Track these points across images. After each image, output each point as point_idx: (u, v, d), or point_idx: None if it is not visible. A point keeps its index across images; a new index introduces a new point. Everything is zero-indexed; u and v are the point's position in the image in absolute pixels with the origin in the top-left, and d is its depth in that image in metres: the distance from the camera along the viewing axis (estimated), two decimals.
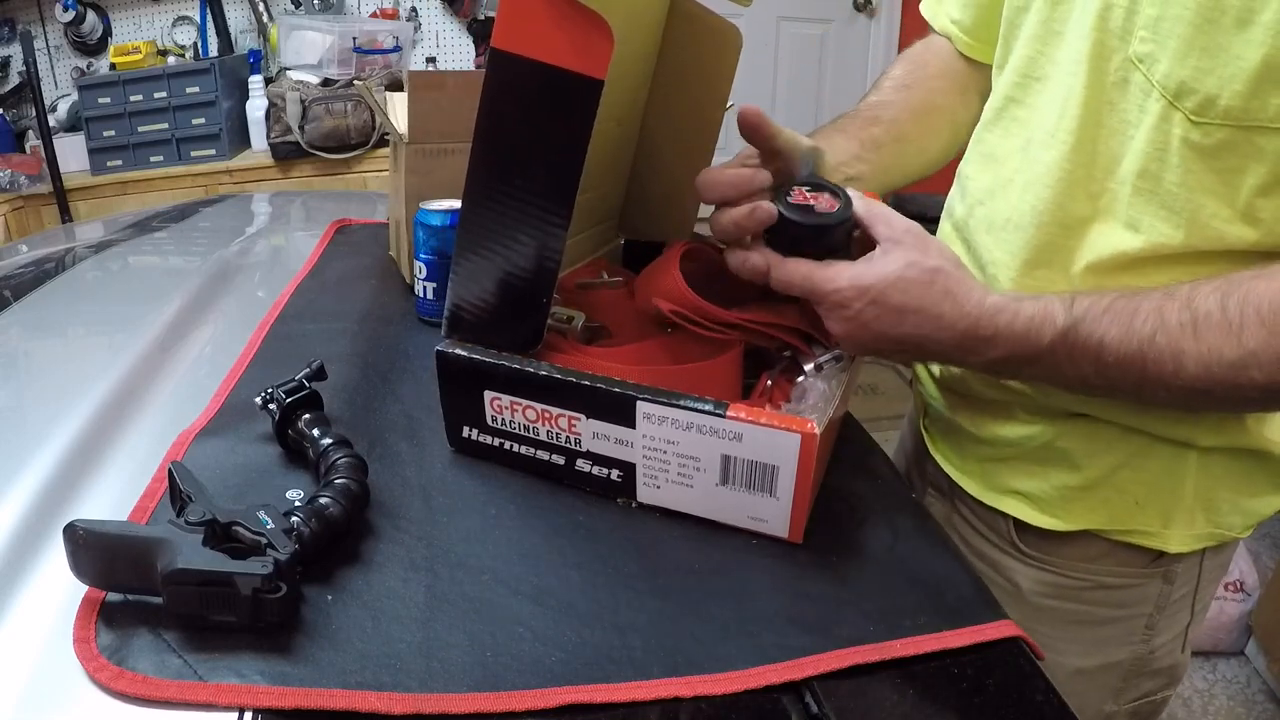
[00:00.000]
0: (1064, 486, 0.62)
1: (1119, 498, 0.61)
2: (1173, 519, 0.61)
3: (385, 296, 0.90)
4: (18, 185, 2.22)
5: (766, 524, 0.53)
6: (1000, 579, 0.68)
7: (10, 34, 2.42)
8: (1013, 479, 0.65)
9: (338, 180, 2.37)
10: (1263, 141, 0.48)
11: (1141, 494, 0.61)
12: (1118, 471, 0.61)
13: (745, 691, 0.42)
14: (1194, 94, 0.48)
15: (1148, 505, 0.61)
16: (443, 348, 0.58)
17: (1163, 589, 0.64)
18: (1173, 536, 0.61)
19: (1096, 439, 0.60)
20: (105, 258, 1.08)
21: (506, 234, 0.55)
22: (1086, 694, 0.68)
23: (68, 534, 0.43)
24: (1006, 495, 0.66)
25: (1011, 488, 0.66)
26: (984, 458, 0.68)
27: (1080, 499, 0.62)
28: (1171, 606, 0.65)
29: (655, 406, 0.52)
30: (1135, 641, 0.66)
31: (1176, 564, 0.63)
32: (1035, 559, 0.66)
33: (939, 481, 0.74)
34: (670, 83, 0.79)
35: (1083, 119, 0.55)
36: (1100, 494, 0.62)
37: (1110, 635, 0.66)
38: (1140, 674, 0.67)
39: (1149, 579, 0.64)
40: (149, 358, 0.73)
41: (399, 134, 0.86)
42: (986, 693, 0.45)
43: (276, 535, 0.45)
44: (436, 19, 2.68)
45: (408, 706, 0.40)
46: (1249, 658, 1.73)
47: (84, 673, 0.40)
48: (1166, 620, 0.66)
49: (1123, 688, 0.68)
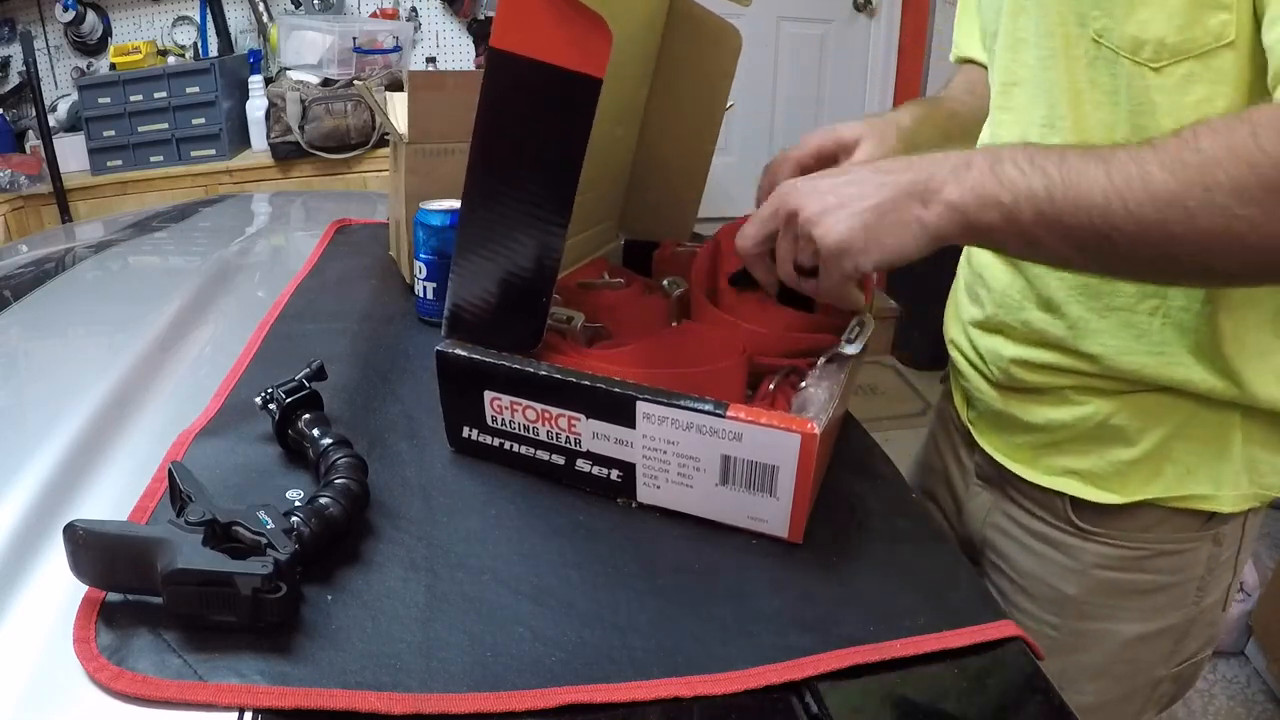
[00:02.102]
0: (1119, 461, 0.65)
1: (1172, 467, 0.64)
2: (1222, 482, 0.64)
3: (385, 296, 0.90)
4: (18, 185, 2.22)
5: (766, 524, 0.53)
6: (1060, 556, 0.70)
7: (10, 34, 2.42)
8: (1067, 459, 0.68)
9: (338, 180, 2.37)
10: (1218, 62, 0.52)
11: (1193, 461, 0.63)
12: (1170, 442, 0.63)
13: (745, 691, 0.42)
14: (1147, 44, 0.53)
15: (1198, 471, 0.63)
16: (443, 348, 0.58)
17: (1212, 550, 0.67)
18: (1224, 498, 0.64)
19: (1148, 413, 0.63)
20: (105, 258, 1.08)
21: (506, 234, 0.55)
22: (1141, 660, 0.71)
23: (68, 534, 0.43)
24: (1062, 475, 0.68)
25: (1066, 468, 0.68)
26: (1037, 444, 0.70)
27: (1135, 472, 0.65)
28: (1220, 567, 0.68)
29: (655, 406, 0.52)
30: (1188, 604, 0.69)
31: (1224, 525, 0.66)
32: (1094, 534, 0.68)
33: (986, 471, 0.76)
34: (670, 83, 0.79)
35: (1072, 102, 0.59)
36: (1154, 465, 0.64)
37: (1166, 601, 0.68)
38: (1188, 636, 0.70)
39: (1201, 542, 0.66)
40: (149, 358, 0.73)
41: (399, 134, 0.86)
42: (986, 693, 0.45)
43: (276, 535, 0.45)
44: (436, 19, 2.68)
45: (408, 706, 0.40)
46: (1249, 658, 1.73)
47: (84, 673, 0.40)
48: (1215, 581, 0.69)
49: (1174, 650, 0.71)
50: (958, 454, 0.81)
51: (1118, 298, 0.60)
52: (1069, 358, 0.64)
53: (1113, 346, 0.61)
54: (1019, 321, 0.66)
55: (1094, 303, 0.61)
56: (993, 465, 0.74)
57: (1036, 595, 0.73)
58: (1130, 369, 0.61)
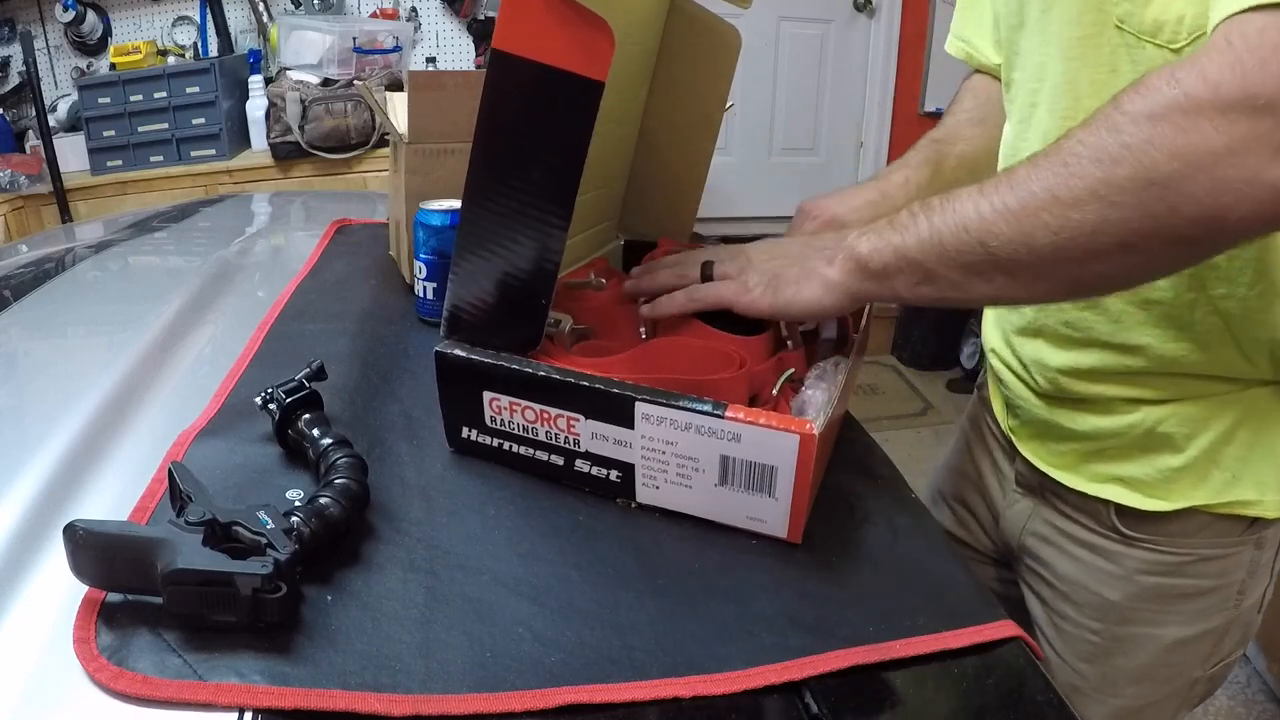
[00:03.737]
0: (1167, 469, 0.65)
1: (1219, 473, 0.64)
2: (1267, 487, 0.64)
3: (385, 296, 0.90)
4: (18, 185, 2.22)
5: (765, 524, 0.53)
6: (1104, 562, 0.70)
7: (10, 34, 2.42)
8: (1113, 466, 0.68)
9: (338, 180, 2.37)
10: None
11: (1239, 468, 0.64)
12: (1218, 448, 0.63)
13: (744, 692, 0.42)
14: (1166, 24, 0.54)
15: (1244, 477, 0.64)
16: (441, 348, 0.58)
17: (1254, 555, 0.67)
18: (1269, 504, 0.64)
19: (1196, 419, 0.63)
20: (105, 258, 1.08)
21: (506, 235, 0.55)
22: (1182, 663, 0.71)
23: (68, 534, 0.43)
24: (1108, 483, 0.68)
25: (1113, 475, 0.68)
26: (1084, 452, 0.69)
27: (1182, 478, 0.65)
28: (1260, 571, 0.69)
29: (653, 407, 0.52)
30: (1229, 607, 0.69)
31: (1266, 530, 0.67)
32: (1139, 540, 0.68)
33: (1027, 479, 0.75)
34: (671, 83, 0.79)
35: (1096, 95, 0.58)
36: (1201, 471, 0.64)
37: (1209, 605, 0.69)
38: (1226, 636, 0.71)
39: (1243, 546, 0.67)
40: (149, 358, 0.73)
41: (399, 134, 0.86)
42: (986, 693, 0.45)
43: (276, 535, 0.45)
44: (436, 19, 2.68)
45: (407, 708, 0.40)
46: (1249, 658, 1.73)
47: (84, 673, 0.40)
48: (1254, 584, 0.69)
49: (1212, 652, 0.71)
50: (995, 461, 0.80)
51: (1155, 290, 0.60)
52: (1115, 355, 0.63)
53: (1156, 335, 0.61)
54: (1060, 323, 0.66)
55: (1133, 296, 0.61)
56: (1034, 473, 0.73)
57: (1079, 601, 0.72)
58: (1175, 356, 0.61)
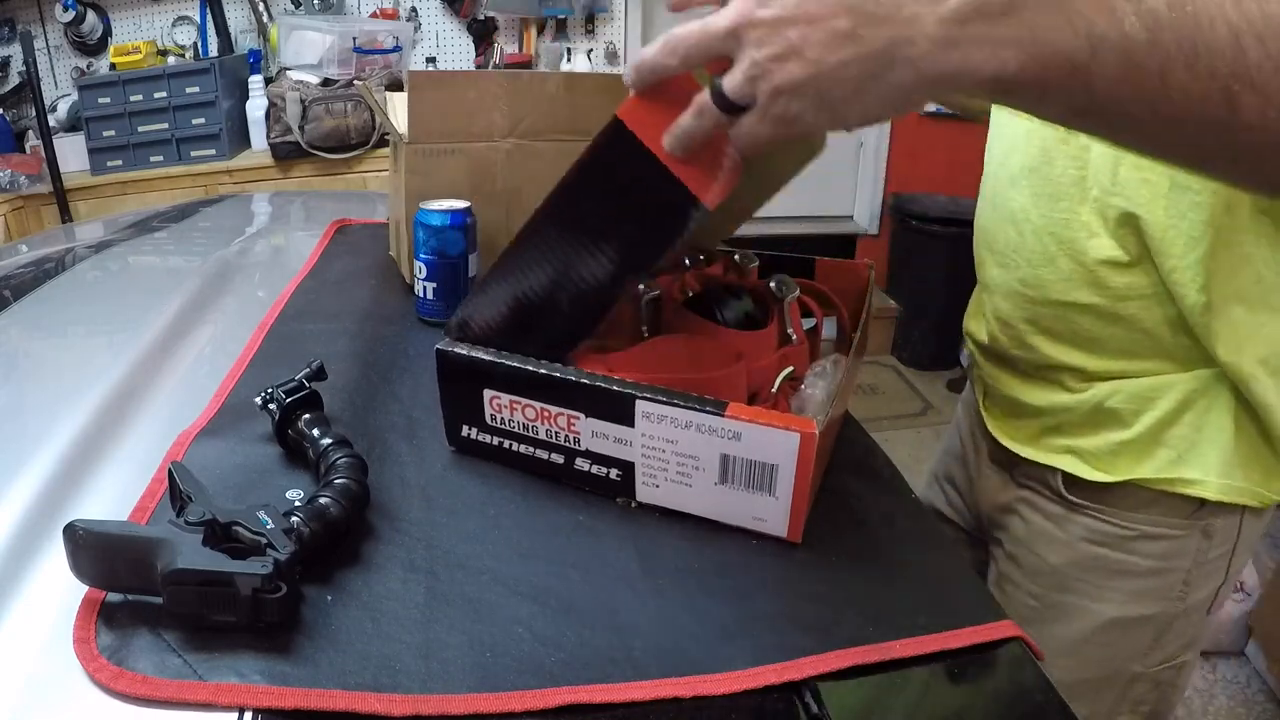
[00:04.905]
0: (1114, 442, 0.67)
1: (1164, 451, 0.66)
2: (1210, 468, 0.65)
3: (385, 296, 0.90)
4: (18, 185, 2.22)
5: (765, 523, 0.53)
6: (1049, 526, 0.73)
7: (10, 34, 2.42)
8: (1066, 439, 0.70)
9: (338, 180, 2.37)
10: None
11: (1184, 448, 0.65)
12: (1163, 427, 0.65)
13: (744, 692, 0.42)
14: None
15: (1189, 457, 0.65)
16: (442, 346, 0.58)
17: (1201, 544, 0.68)
18: (1210, 485, 0.65)
19: (1143, 397, 0.65)
20: (105, 258, 1.08)
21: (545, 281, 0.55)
22: (1117, 646, 0.72)
23: (68, 534, 0.43)
24: (1060, 453, 0.71)
25: (1065, 446, 0.71)
26: (1042, 427, 0.72)
27: (1127, 452, 0.67)
28: (1208, 564, 0.69)
29: (654, 405, 0.52)
30: (1172, 597, 0.70)
31: (1215, 519, 0.67)
32: (1083, 507, 0.70)
33: (998, 456, 0.79)
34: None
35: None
36: (1145, 447, 0.66)
37: (1150, 587, 0.70)
38: (1169, 632, 0.71)
39: (1189, 532, 0.68)
40: (149, 358, 0.73)
41: (399, 134, 0.86)
42: (986, 693, 0.45)
43: (276, 535, 0.44)
44: (436, 19, 2.68)
45: (407, 708, 0.40)
46: (1249, 658, 1.73)
47: (84, 673, 0.40)
48: (1202, 578, 0.70)
49: (1153, 646, 0.72)
50: (976, 439, 0.84)
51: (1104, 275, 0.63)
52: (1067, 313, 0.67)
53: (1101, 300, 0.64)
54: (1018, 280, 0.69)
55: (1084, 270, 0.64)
56: (1000, 449, 0.77)
57: (1023, 564, 0.75)
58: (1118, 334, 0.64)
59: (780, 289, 0.65)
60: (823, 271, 0.76)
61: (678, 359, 0.60)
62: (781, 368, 0.61)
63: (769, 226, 3.11)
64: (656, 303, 0.67)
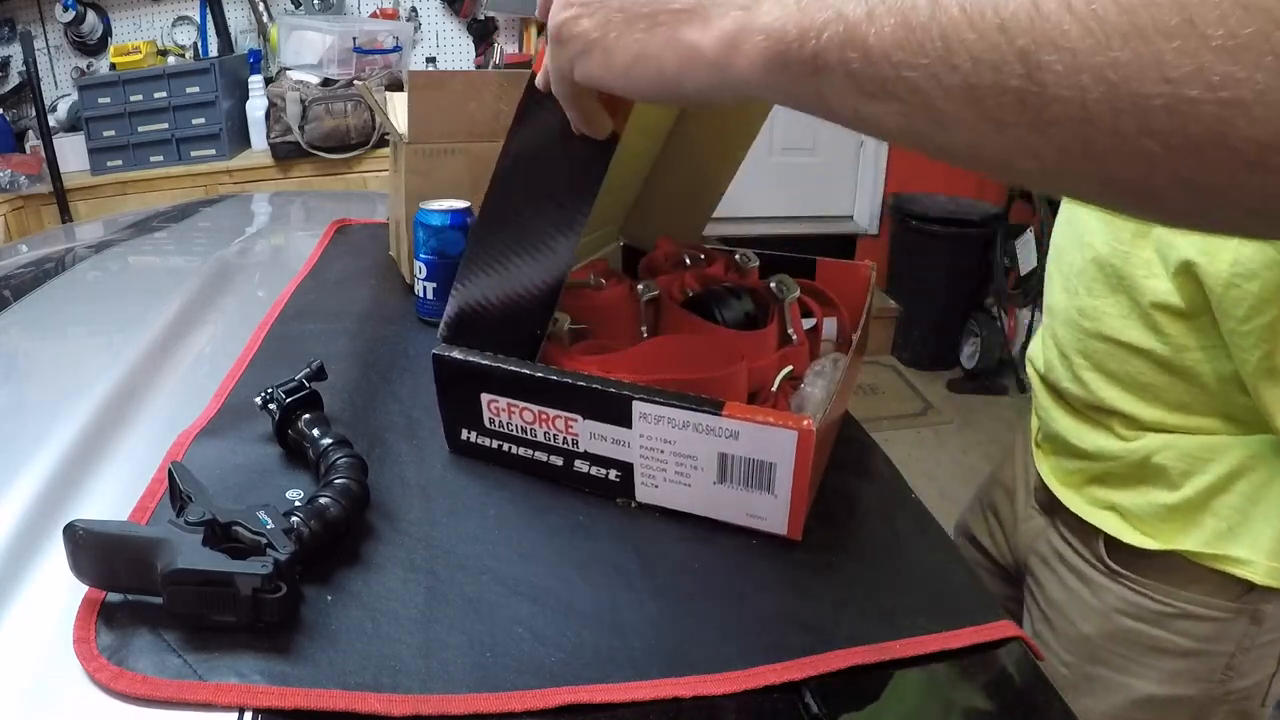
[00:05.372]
0: (1159, 505, 0.63)
1: (1213, 521, 0.61)
2: (1260, 548, 0.60)
3: (385, 296, 0.90)
4: (18, 185, 2.22)
5: (765, 521, 0.53)
6: (1086, 592, 0.68)
7: (10, 34, 2.42)
8: (1111, 493, 0.66)
9: (338, 180, 2.37)
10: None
11: (1235, 519, 0.61)
12: (1214, 495, 0.61)
13: (744, 692, 0.42)
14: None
15: (1239, 531, 0.61)
16: (439, 351, 0.58)
17: (1248, 629, 0.63)
18: (1259, 567, 0.61)
19: (1194, 458, 0.61)
20: (105, 258, 1.08)
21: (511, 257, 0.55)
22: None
23: (68, 534, 0.43)
24: (1103, 509, 0.67)
25: (1110, 502, 0.66)
26: (1087, 474, 0.68)
27: (1173, 518, 0.62)
28: (1256, 650, 0.64)
29: (651, 406, 0.52)
30: (1212, 680, 0.65)
31: (1265, 604, 0.62)
32: (1124, 577, 0.66)
33: (1041, 497, 0.75)
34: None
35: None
36: (1193, 515, 0.62)
37: (1187, 669, 0.65)
38: (1210, 717, 0.67)
39: (1235, 616, 0.63)
40: (149, 358, 0.73)
41: (399, 134, 0.86)
42: (986, 693, 0.45)
43: (276, 535, 0.44)
44: (436, 19, 2.68)
45: (407, 708, 0.40)
46: None
47: (84, 673, 0.40)
48: (1248, 664, 0.64)
49: None
50: (1026, 474, 0.80)
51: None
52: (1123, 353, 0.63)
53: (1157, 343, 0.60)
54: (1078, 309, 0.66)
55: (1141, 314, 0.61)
56: (1046, 491, 0.73)
57: (1057, 628, 0.71)
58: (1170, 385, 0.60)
59: (780, 289, 0.65)
60: (823, 271, 0.76)
61: (677, 359, 0.60)
62: (781, 367, 0.61)
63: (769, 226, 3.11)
64: (656, 303, 0.67)
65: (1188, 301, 0.57)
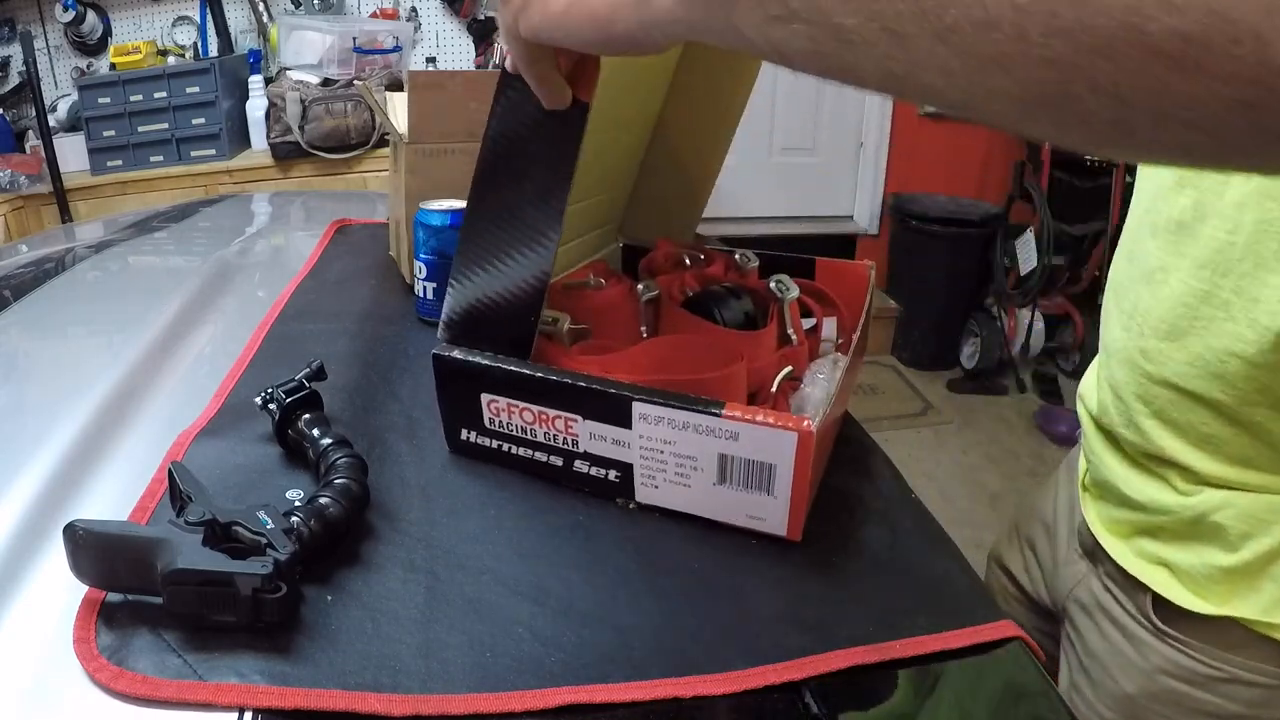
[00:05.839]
0: (1214, 566, 0.59)
1: (1271, 587, 0.58)
2: None
3: (385, 296, 0.90)
4: (18, 185, 2.22)
5: (765, 522, 0.53)
6: (1129, 649, 0.65)
7: (10, 34, 2.42)
8: (1162, 549, 0.62)
9: (338, 180, 2.38)
10: None
11: None
12: (1274, 560, 0.57)
13: (744, 692, 0.42)
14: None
15: None
16: (439, 351, 0.58)
17: None
18: None
19: (1256, 519, 0.57)
20: (105, 258, 1.08)
21: (499, 248, 0.55)
22: None
23: (68, 534, 0.43)
24: (1152, 564, 0.63)
25: (1160, 558, 0.63)
26: (1136, 525, 0.65)
27: (1228, 581, 0.59)
28: None
29: (651, 407, 0.52)
30: None
31: None
32: (1172, 638, 0.62)
33: (1086, 542, 0.71)
34: (691, 88, 0.79)
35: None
36: (1251, 580, 0.58)
37: None
38: None
39: None
40: (149, 358, 0.73)
41: (399, 134, 0.86)
42: (986, 693, 0.45)
43: (276, 535, 0.45)
44: (436, 19, 2.69)
45: (407, 708, 0.40)
46: None
47: (84, 673, 0.40)
48: None
49: None
50: (1071, 515, 0.75)
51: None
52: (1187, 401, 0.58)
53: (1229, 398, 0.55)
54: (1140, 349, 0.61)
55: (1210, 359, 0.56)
56: (1091, 538, 0.69)
57: (1096, 681, 0.68)
58: (1237, 438, 0.56)
59: (780, 289, 0.65)
60: (822, 271, 0.76)
61: (677, 360, 0.60)
62: (781, 368, 0.61)
63: (769, 226, 3.11)
64: (655, 303, 0.67)
65: (1267, 351, 0.53)
